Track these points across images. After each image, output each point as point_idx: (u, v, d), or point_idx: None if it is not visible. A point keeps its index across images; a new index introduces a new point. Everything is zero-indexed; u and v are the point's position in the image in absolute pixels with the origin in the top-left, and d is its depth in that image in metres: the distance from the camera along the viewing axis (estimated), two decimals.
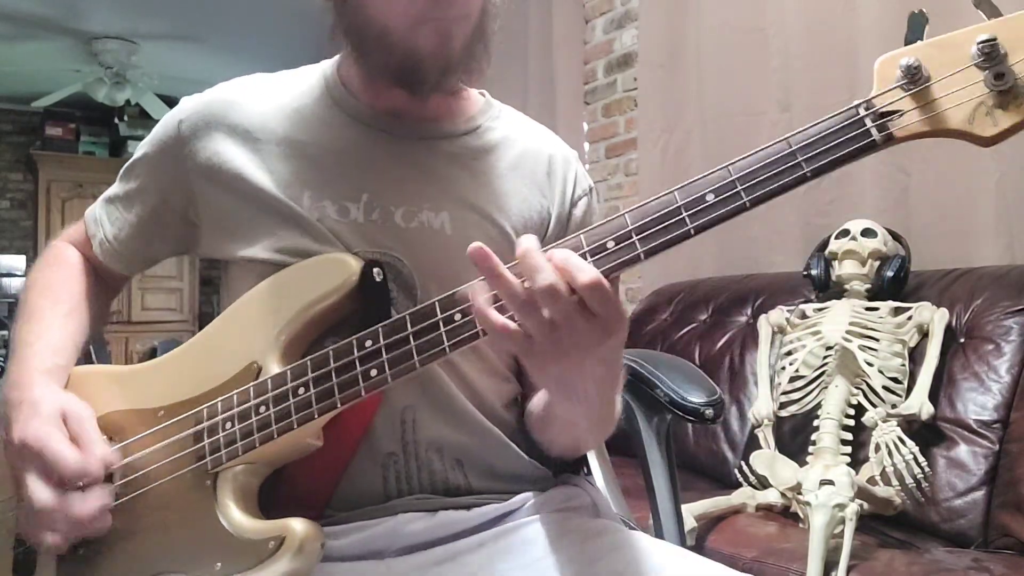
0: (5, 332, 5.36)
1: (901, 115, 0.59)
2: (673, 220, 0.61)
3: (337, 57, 0.88)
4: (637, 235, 0.62)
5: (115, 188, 0.91)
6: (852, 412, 1.59)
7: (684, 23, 2.68)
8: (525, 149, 0.89)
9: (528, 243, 0.60)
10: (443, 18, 0.73)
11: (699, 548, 1.52)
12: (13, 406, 0.76)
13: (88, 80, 5.20)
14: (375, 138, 0.83)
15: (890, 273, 1.72)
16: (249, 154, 0.82)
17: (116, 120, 6.13)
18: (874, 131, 0.59)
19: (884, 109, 0.59)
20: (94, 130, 6.25)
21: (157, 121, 0.89)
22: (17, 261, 6.14)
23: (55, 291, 0.88)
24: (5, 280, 6.02)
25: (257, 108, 0.84)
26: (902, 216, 1.96)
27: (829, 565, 1.33)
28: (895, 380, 1.60)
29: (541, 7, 3.33)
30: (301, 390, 0.70)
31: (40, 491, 0.71)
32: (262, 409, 0.71)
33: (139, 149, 0.89)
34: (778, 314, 1.86)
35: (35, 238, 6.13)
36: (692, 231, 0.61)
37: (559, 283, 0.58)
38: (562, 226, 0.88)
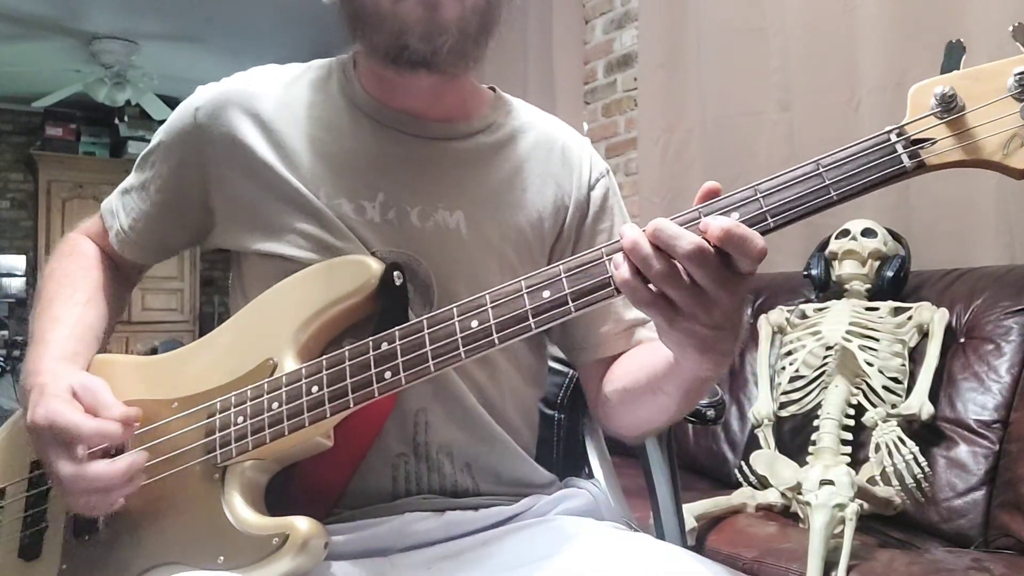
0: (5, 332, 5.37)
1: (933, 143, 0.58)
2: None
3: (352, 53, 0.87)
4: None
5: (131, 179, 0.91)
6: (852, 412, 1.60)
7: (684, 23, 2.68)
8: (537, 140, 0.89)
9: (657, 222, 0.59)
10: None
11: (699, 548, 1.53)
12: (27, 394, 0.76)
13: (88, 80, 5.20)
14: (390, 137, 0.83)
15: (890, 273, 1.73)
16: (267, 143, 0.81)
17: (116, 120, 6.12)
18: (905, 158, 0.58)
19: (916, 136, 0.58)
20: (94, 130, 6.25)
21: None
22: (17, 261, 6.15)
23: (72, 281, 0.88)
24: (5, 280, 6.04)
25: (274, 99, 0.84)
26: (902, 216, 1.95)
27: (829, 565, 1.34)
28: (895, 380, 1.60)
29: (541, 7, 3.32)
30: (315, 388, 0.70)
31: (62, 465, 0.71)
32: (274, 405, 0.71)
33: (155, 138, 0.88)
34: (778, 314, 1.86)
35: (35, 238, 6.13)
36: None
37: (705, 244, 0.57)
38: (582, 211, 0.88)
